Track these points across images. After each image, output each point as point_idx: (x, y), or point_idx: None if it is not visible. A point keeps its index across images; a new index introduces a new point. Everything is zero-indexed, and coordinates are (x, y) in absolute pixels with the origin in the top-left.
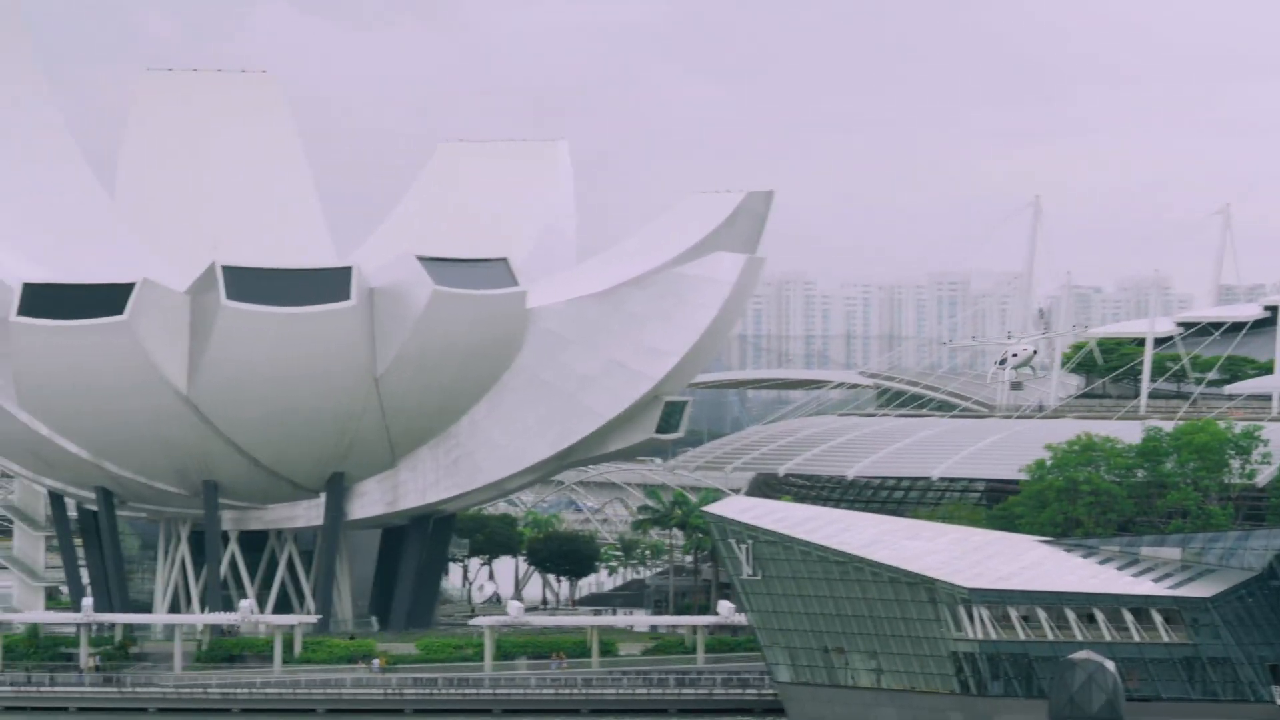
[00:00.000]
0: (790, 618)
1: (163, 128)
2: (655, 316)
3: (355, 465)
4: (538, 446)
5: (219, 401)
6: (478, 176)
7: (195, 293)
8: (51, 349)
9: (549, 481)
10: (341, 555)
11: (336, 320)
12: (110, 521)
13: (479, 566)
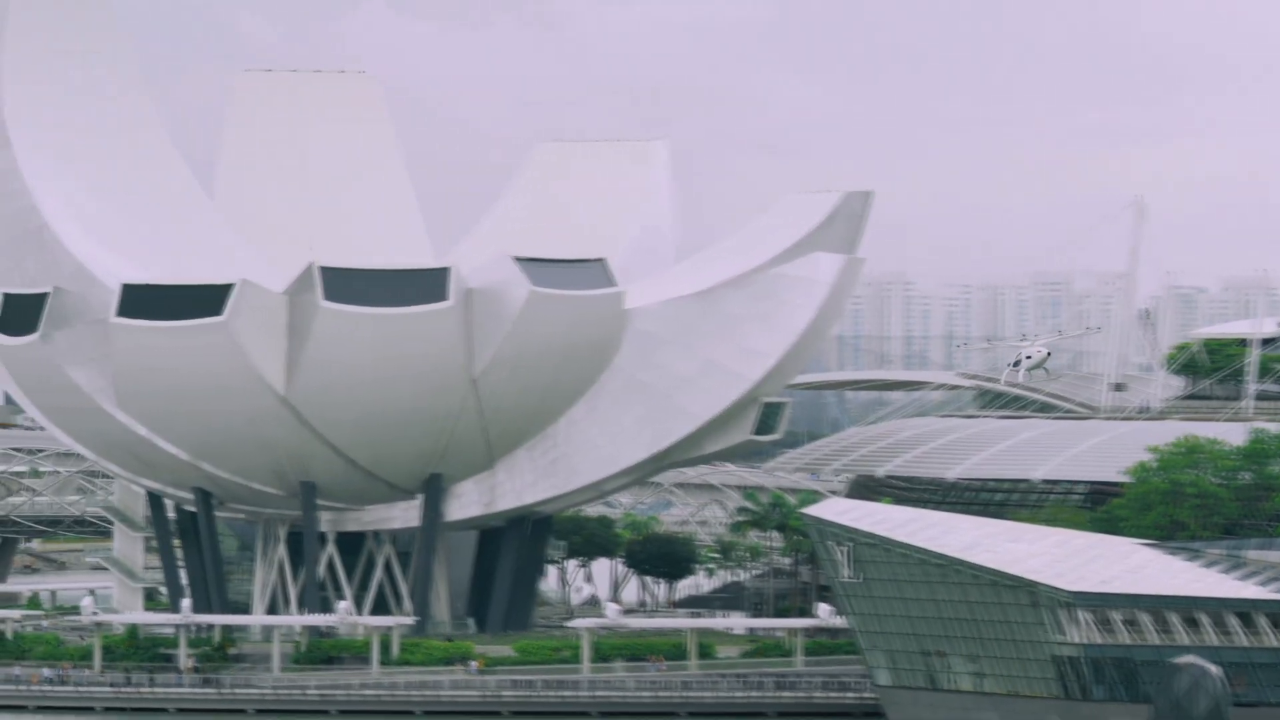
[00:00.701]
0: (890, 620)
1: (261, 128)
2: (753, 317)
3: (452, 466)
4: (634, 448)
5: (317, 402)
6: (576, 176)
7: (293, 293)
8: (150, 350)
9: (646, 483)
10: (439, 557)
11: (434, 321)
12: (208, 522)
13: (576, 568)
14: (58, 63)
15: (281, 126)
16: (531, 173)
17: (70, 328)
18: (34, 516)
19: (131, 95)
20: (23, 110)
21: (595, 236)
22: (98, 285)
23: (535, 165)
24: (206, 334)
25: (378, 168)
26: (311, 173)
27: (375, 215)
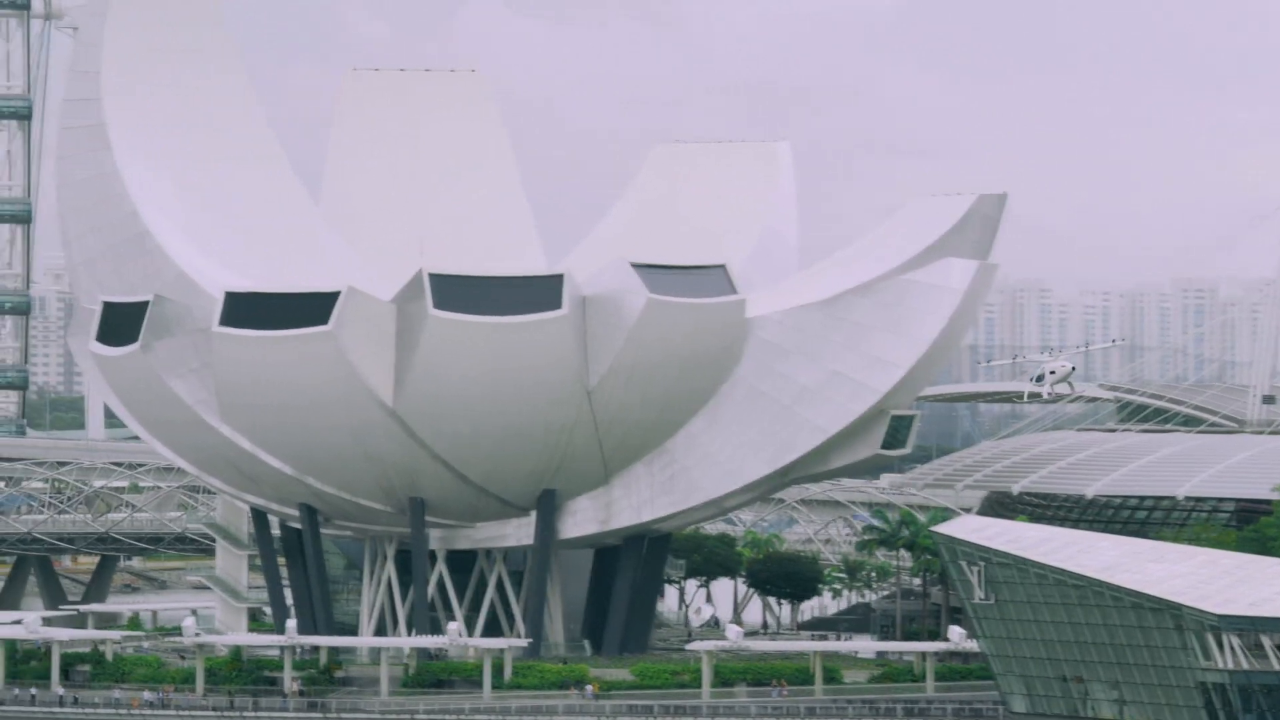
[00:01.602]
0: (1026, 645)
1: (369, 129)
2: (881, 326)
3: (567, 482)
4: (756, 463)
5: (426, 415)
6: (695, 179)
7: (402, 301)
8: (254, 360)
9: (769, 499)
10: (553, 576)
11: (548, 330)
12: (314, 540)
13: (696, 588)
14: (160, 62)
15: (390, 127)
16: (649, 175)
17: (172, 337)
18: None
19: (237, 96)
20: (124, 112)
21: (715, 241)
22: (200, 293)
23: (653, 167)
24: (312, 344)
25: (489, 170)
26: (421, 175)
27: (486, 219)
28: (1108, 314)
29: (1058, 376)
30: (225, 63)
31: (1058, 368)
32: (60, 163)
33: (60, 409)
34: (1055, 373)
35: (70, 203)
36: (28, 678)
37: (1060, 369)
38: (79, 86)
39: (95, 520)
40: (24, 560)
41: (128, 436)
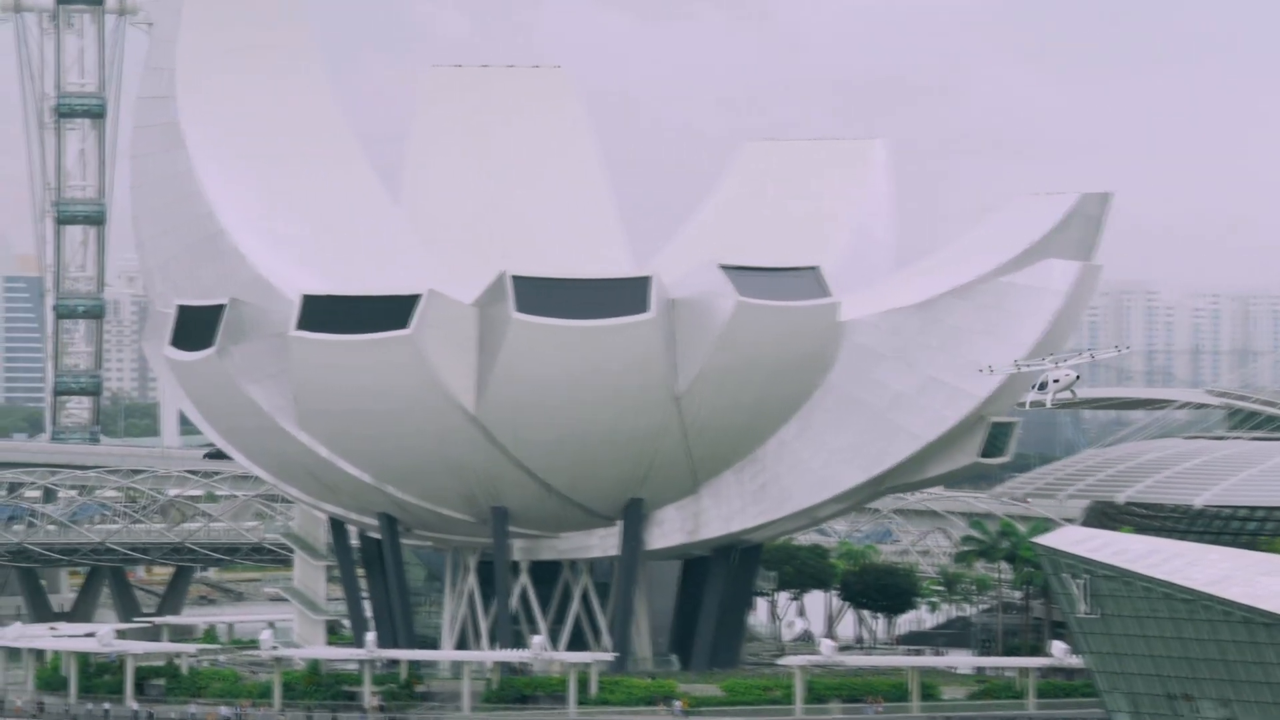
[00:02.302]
0: (1131, 660)
1: (450, 127)
2: (980, 330)
3: (654, 491)
4: (851, 471)
5: (509, 421)
6: (787, 178)
7: (483, 304)
8: (332, 365)
9: (863, 509)
10: (640, 588)
11: (634, 334)
12: (394, 550)
13: (788, 601)
14: (237, 58)
15: (472, 125)
16: (738, 174)
17: (248, 342)
18: (210, 544)
19: (314, 92)
20: (198, 109)
21: (807, 243)
22: (276, 296)
23: (742, 166)
24: (391, 348)
25: (573, 168)
26: (503, 174)
27: (571, 220)
28: (1217, 317)
29: (1061, 385)
30: (303, 59)
31: (1061, 376)
32: (134, 162)
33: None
34: (1059, 381)
35: (144, 203)
36: (101, 692)
37: (1064, 377)
38: (153, 84)
39: (170, 530)
40: (97, 571)
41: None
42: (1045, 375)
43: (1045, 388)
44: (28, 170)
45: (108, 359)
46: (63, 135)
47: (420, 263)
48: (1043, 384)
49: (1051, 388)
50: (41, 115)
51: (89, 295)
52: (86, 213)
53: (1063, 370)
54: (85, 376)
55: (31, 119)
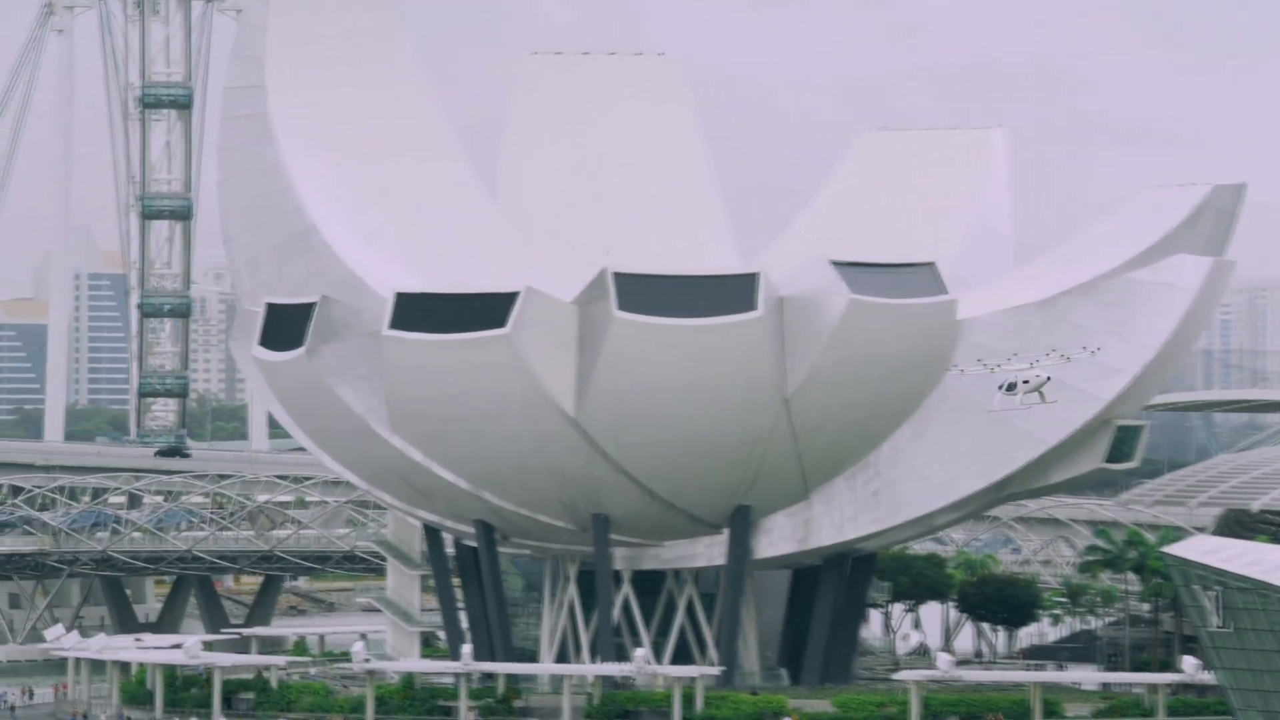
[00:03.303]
0: (1267, 677)
1: (549, 117)
2: (1105, 329)
3: (762, 497)
4: (969, 477)
5: (610, 424)
6: (903, 169)
7: (584, 303)
8: (426, 366)
9: (982, 517)
10: (747, 599)
11: (741, 333)
12: (491, 559)
13: (903, 613)
14: (328, 46)
15: (572, 115)
16: (852, 165)
17: (339, 341)
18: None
19: (409, 82)
20: (289, 100)
21: (924, 237)
22: (369, 294)
23: (856, 157)
24: (488, 348)
25: (678, 160)
26: (605, 167)
27: (675, 213)
28: None
29: (1030, 386)
30: (396, 46)
31: (1031, 377)
32: (221, 154)
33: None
34: (1029, 382)
35: (232, 197)
36: (188, 706)
37: (1034, 378)
38: (242, 73)
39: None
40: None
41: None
42: (1014, 376)
43: (1014, 389)
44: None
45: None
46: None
47: (518, 259)
48: (1011, 385)
49: (1021, 389)
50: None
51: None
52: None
53: (1033, 370)
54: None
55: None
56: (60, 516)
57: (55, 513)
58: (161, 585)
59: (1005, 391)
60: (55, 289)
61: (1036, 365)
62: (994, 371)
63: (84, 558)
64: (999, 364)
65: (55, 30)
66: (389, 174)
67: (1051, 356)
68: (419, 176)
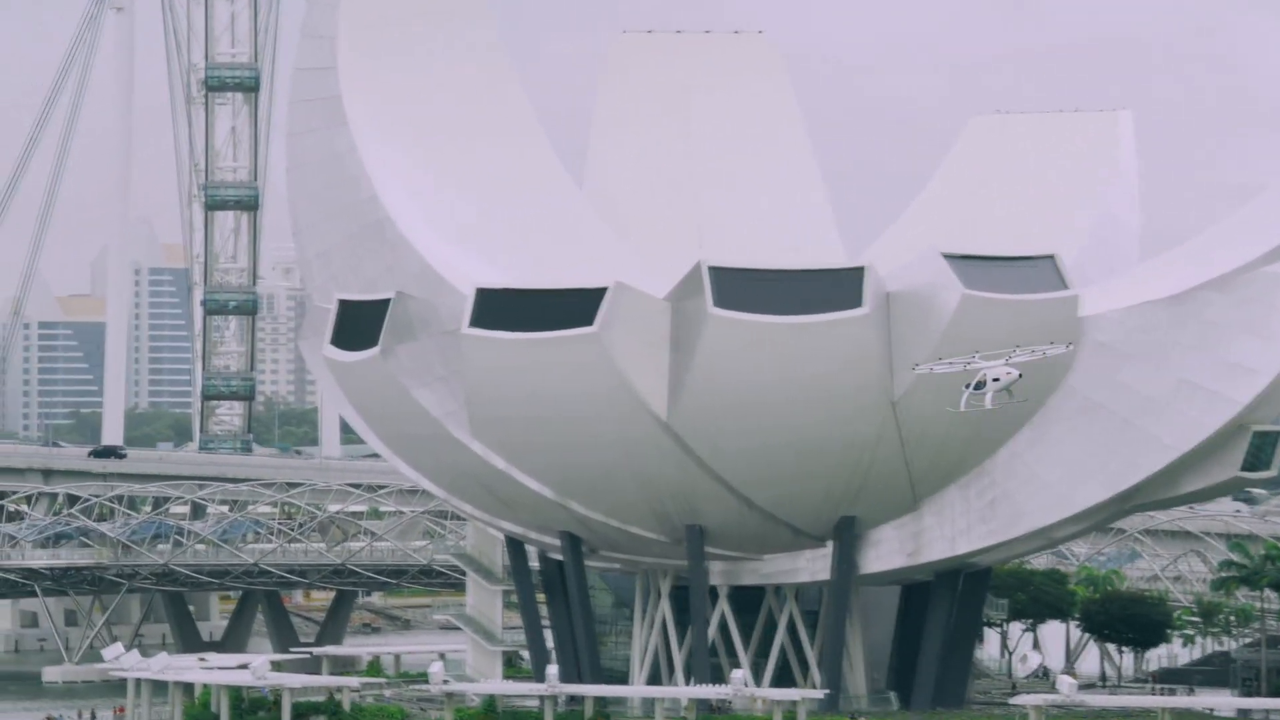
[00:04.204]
0: None
1: (640, 100)
2: (1240, 326)
3: (869, 508)
4: (1092, 486)
5: (705, 429)
6: (1020, 155)
7: (677, 299)
8: (508, 366)
9: (1107, 529)
10: (853, 616)
11: (846, 331)
12: (578, 574)
13: (1021, 632)
14: (404, 26)
15: (664, 98)
16: (965, 151)
17: (416, 340)
18: (374, 566)
19: (490, 63)
20: (363, 82)
21: (1043, 228)
22: (448, 290)
23: (970, 142)
24: (575, 347)
25: (778, 146)
26: (699, 153)
27: (775, 203)
28: None
29: (1001, 384)
30: (477, 25)
31: (1002, 374)
32: (290, 141)
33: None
34: (999, 380)
35: (301, 186)
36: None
37: (1005, 375)
38: (312, 53)
39: (330, 550)
40: (250, 596)
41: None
42: (983, 374)
43: (983, 387)
44: (174, 151)
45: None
46: (212, 111)
47: (606, 252)
48: (979, 383)
49: (990, 387)
50: (189, 89)
51: (241, 289)
52: (238, 197)
53: (1002, 368)
54: (237, 379)
55: (178, 94)
56: (119, 527)
57: (114, 523)
58: (227, 601)
59: (974, 390)
60: (114, 285)
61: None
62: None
63: (144, 571)
64: (967, 362)
65: (114, 8)
66: (469, 161)
67: (1021, 351)
68: (501, 164)
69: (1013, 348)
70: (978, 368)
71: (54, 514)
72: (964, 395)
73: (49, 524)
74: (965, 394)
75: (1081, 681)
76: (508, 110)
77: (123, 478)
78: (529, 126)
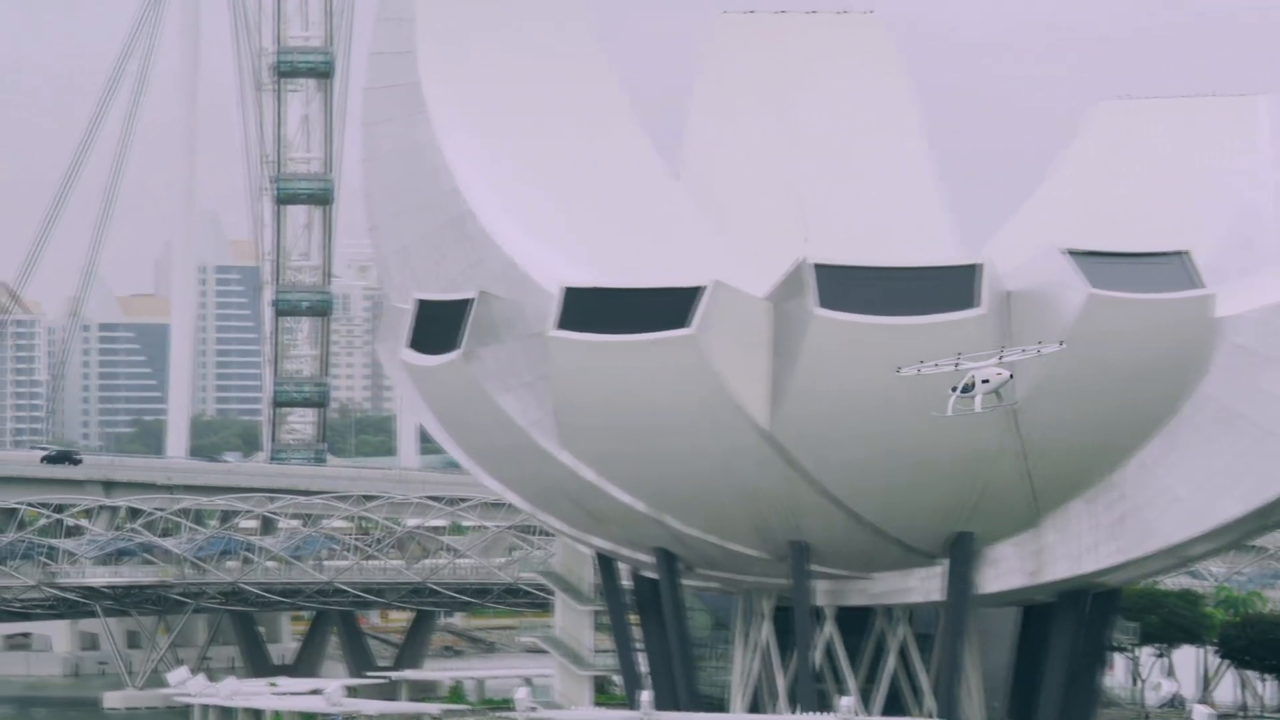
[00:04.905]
0: None
1: (740, 85)
2: None
3: (986, 523)
4: (1229, 501)
5: (809, 438)
6: (1149, 143)
7: (779, 298)
8: (599, 371)
9: (1246, 547)
10: (970, 640)
11: (962, 333)
12: (674, 593)
13: (1153, 658)
14: (487, 6)
15: (766, 82)
16: (1089, 140)
17: (500, 343)
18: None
19: (579, 44)
20: (442, 66)
21: (1174, 222)
22: (534, 289)
23: (1094, 130)
24: (669, 350)
25: (888, 134)
26: (804, 141)
27: (884, 195)
28: None
29: (991, 386)
30: (567, 6)
31: (992, 375)
32: (366, 130)
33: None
34: (989, 381)
35: (378, 179)
36: None
37: (995, 377)
38: (389, 37)
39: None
40: (324, 616)
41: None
42: (971, 375)
43: (971, 390)
44: (242, 141)
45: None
46: (283, 98)
47: (703, 248)
48: (968, 386)
49: (979, 389)
50: (259, 75)
51: (314, 288)
52: (311, 190)
53: (991, 369)
54: (310, 385)
55: (247, 80)
56: (185, 543)
57: (179, 539)
58: (299, 622)
59: (961, 393)
60: (178, 284)
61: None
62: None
63: (211, 590)
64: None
65: None
66: (557, 150)
67: (1012, 350)
68: (591, 154)
69: (1000, 347)
70: (967, 369)
71: (115, 529)
72: (951, 399)
73: (110, 539)
74: (952, 397)
75: (1219, 711)
76: (598, 95)
77: (189, 490)
78: (621, 113)
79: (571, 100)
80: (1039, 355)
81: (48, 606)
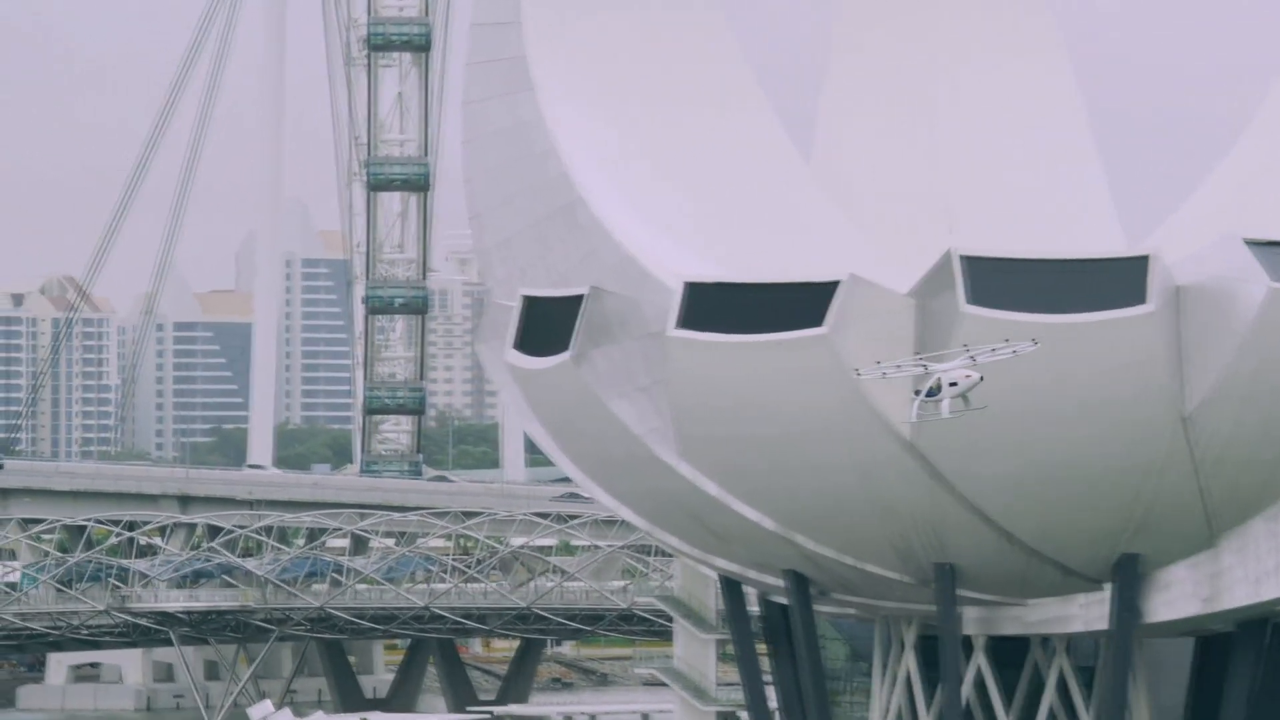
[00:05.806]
0: None
1: (878, 60)
2: None
3: (1155, 544)
4: None
5: (956, 449)
6: None
7: (923, 294)
8: (723, 374)
9: None
10: (1137, 673)
11: (1127, 333)
12: (806, 620)
13: None
14: None
15: (906, 59)
16: (1272, 117)
17: (613, 344)
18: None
19: (702, 16)
20: (551, 41)
21: None
22: (652, 284)
23: (1275, 109)
24: (801, 351)
25: (1043, 114)
26: (948, 120)
27: (1040, 180)
28: None
29: (959, 390)
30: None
31: (960, 378)
32: (467, 110)
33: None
34: (957, 384)
35: (479, 163)
36: None
37: (965, 380)
38: (492, 7)
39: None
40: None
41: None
42: (938, 377)
43: (938, 393)
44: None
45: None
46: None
47: (839, 239)
48: (934, 389)
49: (946, 393)
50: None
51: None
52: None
53: (960, 371)
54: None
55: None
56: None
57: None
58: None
59: (925, 398)
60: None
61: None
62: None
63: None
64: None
65: None
66: (676, 132)
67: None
68: (714, 135)
69: (964, 345)
70: (934, 370)
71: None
72: (914, 403)
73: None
74: (915, 401)
75: None
76: (723, 71)
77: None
78: (748, 90)
79: (693, 77)
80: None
81: (118, 634)
